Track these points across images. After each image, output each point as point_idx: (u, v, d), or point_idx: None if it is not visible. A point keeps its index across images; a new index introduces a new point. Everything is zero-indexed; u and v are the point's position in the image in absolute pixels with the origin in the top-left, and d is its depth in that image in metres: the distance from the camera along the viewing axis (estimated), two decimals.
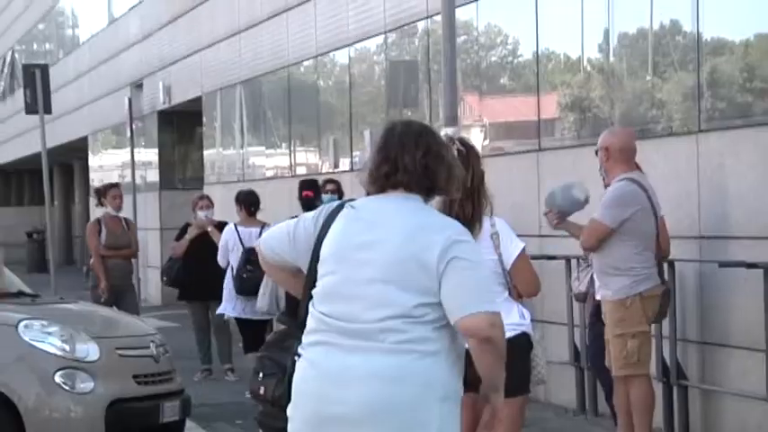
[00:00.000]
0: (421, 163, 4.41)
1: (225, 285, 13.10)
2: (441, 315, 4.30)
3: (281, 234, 4.62)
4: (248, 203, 13.26)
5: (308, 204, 12.24)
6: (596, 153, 8.75)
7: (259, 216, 13.40)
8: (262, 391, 4.75)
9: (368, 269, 4.32)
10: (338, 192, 12.65)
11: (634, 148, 8.63)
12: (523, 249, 6.57)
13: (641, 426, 8.49)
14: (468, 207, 5.97)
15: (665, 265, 8.94)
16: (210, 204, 14.33)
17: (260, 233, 12.93)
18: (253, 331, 13.05)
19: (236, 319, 13.12)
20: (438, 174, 4.45)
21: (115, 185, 15.04)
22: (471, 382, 4.42)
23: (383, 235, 4.35)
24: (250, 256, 12.38)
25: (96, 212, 15.13)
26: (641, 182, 8.48)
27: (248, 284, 12.45)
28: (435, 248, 4.28)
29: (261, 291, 12.12)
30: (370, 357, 4.27)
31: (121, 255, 14.17)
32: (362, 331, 4.29)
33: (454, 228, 4.42)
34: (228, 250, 13.06)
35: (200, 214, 14.17)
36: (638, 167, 8.66)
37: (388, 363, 4.25)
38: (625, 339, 8.42)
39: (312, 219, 4.54)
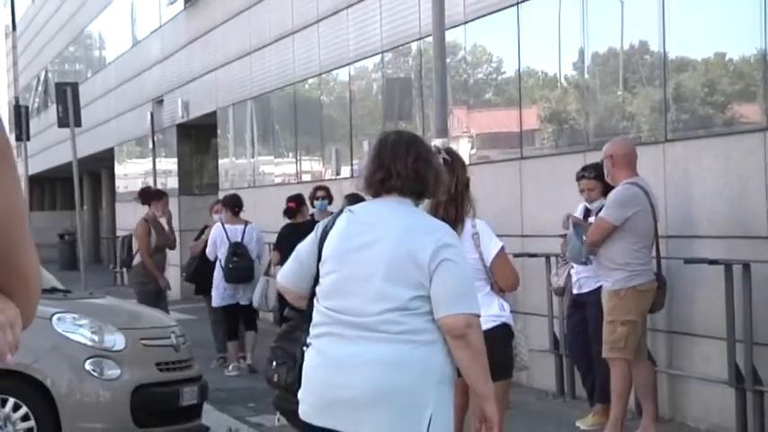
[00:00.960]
0: (412, 168, 4.43)
1: (214, 277, 13.30)
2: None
3: (290, 263, 4.67)
4: (232, 205, 13.71)
5: (290, 214, 12.79)
6: (601, 162, 8.77)
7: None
8: (275, 378, 4.76)
9: (367, 267, 4.34)
10: (328, 198, 12.79)
11: (635, 154, 8.65)
12: (502, 248, 6.50)
13: (617, 404, 8.49)
14: (452, 210, 5.94)
15: None
16: None
17: (243, 230, 13.31)
18: (244, 315, 13.28)
19: (224, 308, 13.38)
20: (427, 178, 4.47)
21: (165, 194, 14.79)
22: None
23: (379, 236, 4.37)
24: (236, 249, 13.07)
25: (138, 212, 14.90)
26: (643, 185, 8.52)
27: (235, 273, 13.09)
28: (428, 248, 4.30)
29: (256, 290, 12.73)
30: (372, 346, 4.28)
31: (169, 245, 14.21)
32: (365, 323, 4.30)
33: (444, 230, 4.44)
34: (217, 246, 13.29)
35: (216, 217, 14.19)
36: None
37: (388, 350, 4.27)
38: (615, 325, 8.39)
39: (313, 233, 4.58)
